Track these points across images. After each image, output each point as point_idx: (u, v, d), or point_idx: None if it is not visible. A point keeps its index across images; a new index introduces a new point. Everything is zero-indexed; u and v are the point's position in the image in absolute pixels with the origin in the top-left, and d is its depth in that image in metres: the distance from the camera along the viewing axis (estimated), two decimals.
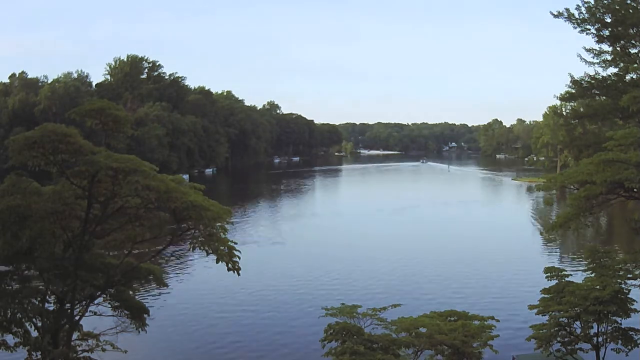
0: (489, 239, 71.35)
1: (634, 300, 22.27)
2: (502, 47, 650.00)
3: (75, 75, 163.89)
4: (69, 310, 19.17)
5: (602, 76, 39.28)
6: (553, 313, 22.08)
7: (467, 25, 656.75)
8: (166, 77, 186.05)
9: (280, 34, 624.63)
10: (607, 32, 37.82)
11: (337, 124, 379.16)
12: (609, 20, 37.59)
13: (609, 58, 38.98)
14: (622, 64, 37.89)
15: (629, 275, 23.10)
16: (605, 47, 38.99)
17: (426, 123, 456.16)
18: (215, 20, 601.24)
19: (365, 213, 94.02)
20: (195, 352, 33.24)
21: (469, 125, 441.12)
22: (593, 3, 37.49)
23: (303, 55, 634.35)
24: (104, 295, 20.18)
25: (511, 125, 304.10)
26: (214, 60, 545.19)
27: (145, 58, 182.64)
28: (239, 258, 18.54)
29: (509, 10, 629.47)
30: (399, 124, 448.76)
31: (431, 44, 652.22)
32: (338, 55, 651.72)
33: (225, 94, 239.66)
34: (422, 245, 67.02)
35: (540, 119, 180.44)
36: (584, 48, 39.82)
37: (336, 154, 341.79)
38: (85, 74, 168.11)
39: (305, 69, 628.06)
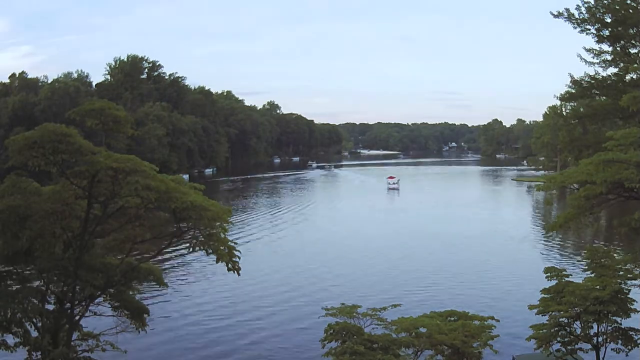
0: (488, 239, 71.37)
1: (634, 300, 22.23)
2: (502, 46, 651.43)
3: (75, 75, 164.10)
4: (69, 310, 19.13)
5: (602, 76, 39.39)
6: (553, 313, 22.03)
7: (468, 25, 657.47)
8: (166, 77, 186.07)
9: (279, 35, 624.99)
10: (607, 32, 37.91)
11: (337, 124, 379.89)
12: (609, 20, 37.68)
13: (609, 58, 39.05)
14: (622, 64, 37.98)
15: (629, 275, 23.07)
16: (605, 47, 39.11)
17: (426, 123, 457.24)
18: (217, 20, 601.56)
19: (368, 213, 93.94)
20: (194, 352, 33.22)
21: (469, 125, 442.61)
22: (593, 3, 37.59)
23: (303, 54, 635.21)
24: (104, 295, 20.13)
25: (511, 125, 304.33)
26: (214, 59, 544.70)
27: (145, 58, 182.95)
28: (239, 258, 18.53)
29: (509, 9, 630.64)
30: (399, 124, 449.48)
31: (431, 44, 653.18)
32: (337, 55, 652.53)
33: (225, 94, 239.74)
34: (422, 245, 67.01)
35: (540, 119, 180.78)
36: (584, 48, 39.91)
37: (334, 154, 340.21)
38: (85, 74, 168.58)
39: (305, 68, 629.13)
